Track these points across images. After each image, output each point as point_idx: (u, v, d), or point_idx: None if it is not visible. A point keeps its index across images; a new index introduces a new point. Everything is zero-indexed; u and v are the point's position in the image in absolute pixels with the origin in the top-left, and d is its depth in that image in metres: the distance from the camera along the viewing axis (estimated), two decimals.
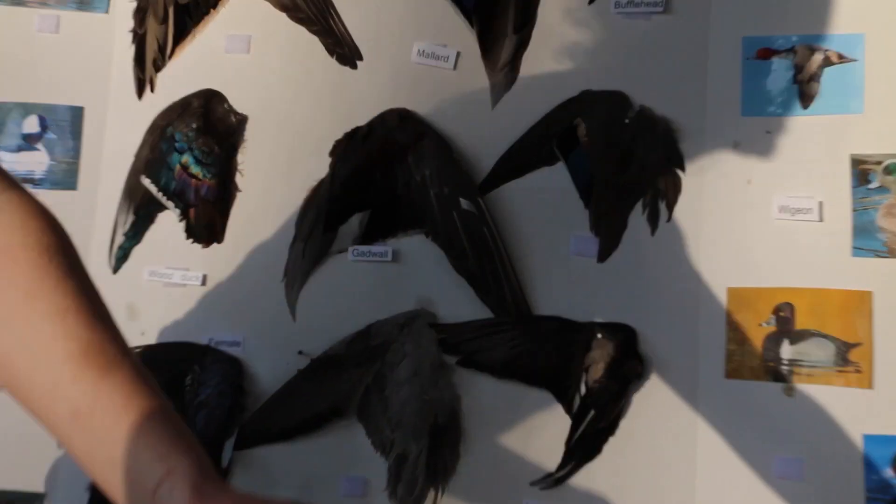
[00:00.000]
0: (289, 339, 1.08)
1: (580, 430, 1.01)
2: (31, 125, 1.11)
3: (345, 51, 1.07)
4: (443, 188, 1.05)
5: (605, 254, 1.04)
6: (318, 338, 1.07)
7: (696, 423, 1.00)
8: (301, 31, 1.09)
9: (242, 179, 1.12)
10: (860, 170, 0.97)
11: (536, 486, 1.01)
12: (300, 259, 1.08)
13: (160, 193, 1.12)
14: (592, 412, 1.01)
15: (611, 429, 1.02)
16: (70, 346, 0.40)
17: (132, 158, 1.14)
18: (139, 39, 1.12)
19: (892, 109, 0.97)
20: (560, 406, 1.03)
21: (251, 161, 1.12)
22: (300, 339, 1.08)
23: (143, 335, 1.10)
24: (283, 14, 1.08)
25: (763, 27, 1.01)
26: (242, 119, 1.12)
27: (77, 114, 1.13)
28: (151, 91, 1.13)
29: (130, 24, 1.13)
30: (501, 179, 1.07)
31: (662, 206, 1.04)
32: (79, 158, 1.12)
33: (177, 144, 1.11)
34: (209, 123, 1.10)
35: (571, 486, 1.00)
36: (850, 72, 0.99)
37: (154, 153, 1.12)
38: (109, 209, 1.13)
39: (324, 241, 1.08)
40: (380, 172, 1.07)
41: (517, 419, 1.04)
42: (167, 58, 1.11)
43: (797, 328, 0.98)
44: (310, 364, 1.08)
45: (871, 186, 0.97)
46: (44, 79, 1.14)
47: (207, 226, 1.11)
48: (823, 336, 0.97)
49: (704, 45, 1.02)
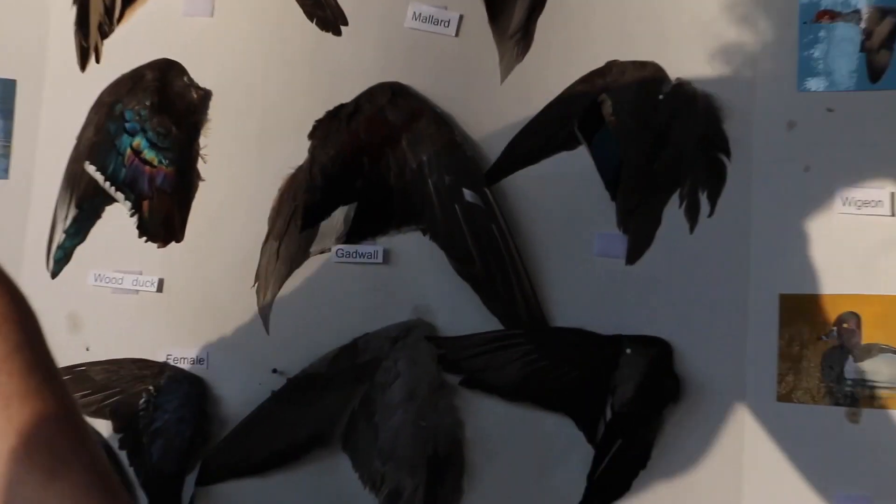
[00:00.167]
0: (261, 356, 1.05)
1: (605, 463, 0.98)
2: None
3: (326, 13, 1.05)
4: (443, 177, 1.01)
5: (636, 254, 1.01)
6: (296, 354, 1.04)
7: (742, 454, 0.97)
8: None
9: (205, 166, 1.08)
10: None
11: None
12: (274, 261, 1.05)
13: (107, 183, 1.07)
14: (620, 441, 0.98)
15: (642, 461, 0.99)
16: (12, 443, 0.38)
17: (74, 141, 1.10)
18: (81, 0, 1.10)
19: None
20: (581, 434, 1.00)
21: (216, 144, 1.08)
22: (274, 356, 1.04)
23: (88, 351, 1.07)
24: None
25: None
26: (205, 94, 1.08)
27: (8, 88, 1.10)
28: (97, 61, 1.10)
29: None
30: (512, 167, 1.03)
31: (703, 199, 1.00)
32: (10, 141, 1.10)
33: (127, 125, 1.07)
34: (165, 100, 1.07)
35: None
36: None
37: (100, 135, 1.08)
38: (47, 202, 1.10)
39: (302, 240, 1.04)
40: (368, 158, 1.03)
41: (530, 449, 1.00)
42: (115, 22, 1.09)
43: (863, 342, 0.96)
44: (286, 385, 1.04)
45: None
46: None
47: (164, 221, 1.07)
48: (894, 352, 0.94)
49: (754, 6, 0.99)
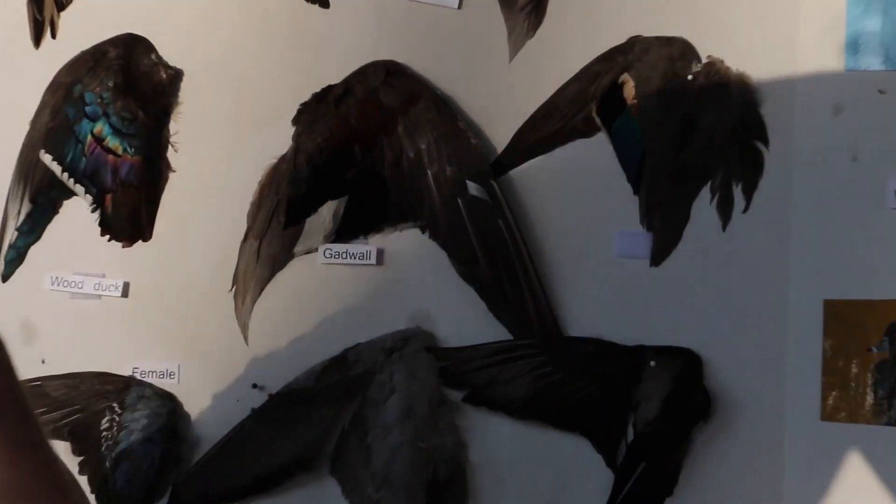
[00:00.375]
0: (239, 369, 1.03)
1: (627, 489, 0.97)
2: None
3: None
4: (444, 167, 0.99)
5: (662, 255, 0.99)
6: (279, 366, 1.02)
7: (782, 481, 0.96)
8: None
9: (176, 156, 1.06)
10: None
11: None
12: (254, 262, 1.03)
13: (65, 174, 1.06)
14: (643, 465, 0.97)
15: (668, 487, 0.97)
16: None
17: (27, 127, 1.09)
18: None
19: None
20: (600, 457, 0.98)
21: (188, 131, 1.06)
22: (254, 369, 1.02)
23: (44, 363, 1.04)
24: None
25: None
26: (175, 74, 1.06)
27: None
28: (52, 37, 1.08)
29: None
30: (522, 156, 1.02)
31: (737, 192, 0.98)
32: None
33: (88, 108, 1.05)
34: (131, 80, 1.05)
35: None
36: None
37: (57, 120, 1.06)
38: None
39: (285, 239, 1.02)
40: (360, 146, 1.01)
41: (543, 474, 0.99)
42: None
43: None
44: (267, 401, 1.02)
45: None
46: None
47: (130, 217, 1.05)
48: None
49: None
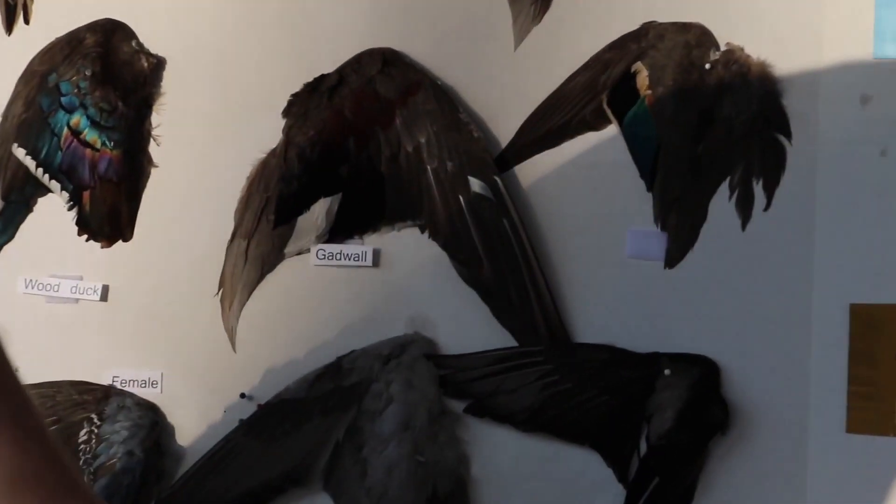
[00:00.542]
0: (227, 378, 1.02)
1: None
2: None
3: None
4: (445, 162, 0.98)
5: (677, 256, 0.98)
6: (269, 375, 1.01)
7: (805, 496, 0.95)
8: None
9: (158, 150, 1.06)
10: None
11: None
12: (242, 264, 1.03)
13: (40, 170, 1.05)
14: (657, 480, 0.96)
15: (683, 502, 0.96)
16: None
17: None
18: None
19: None
20: (611, 471, 0.97)
21: (171, 123, 1.05)
22: (242, 377, 1.01)
23: (18, 372, 0.98)
24: None
25: None
26: (158, 63, 1.05)
27: None
28: (26, 22, 1.07)
29: None
30: (528, 150, 1.01)
31: (758, 189, 0.97)
32: None
33: (64, 99, 1.04)
34: (110, 69, 1.04)
35: None
36: None
37: (30, 112, 1.06)
38: None
39: (276, 239, 1.02)
40: (355, 140, 1.00)
41: (550, 489, 0.98)
42: None
43: None
44: (257, 412, 1.01)
45: None
46: None
47: (109, 216, 1.04)
48: None
49: None
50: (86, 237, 1.04)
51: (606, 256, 0.98)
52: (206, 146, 1.04)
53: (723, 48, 0.97)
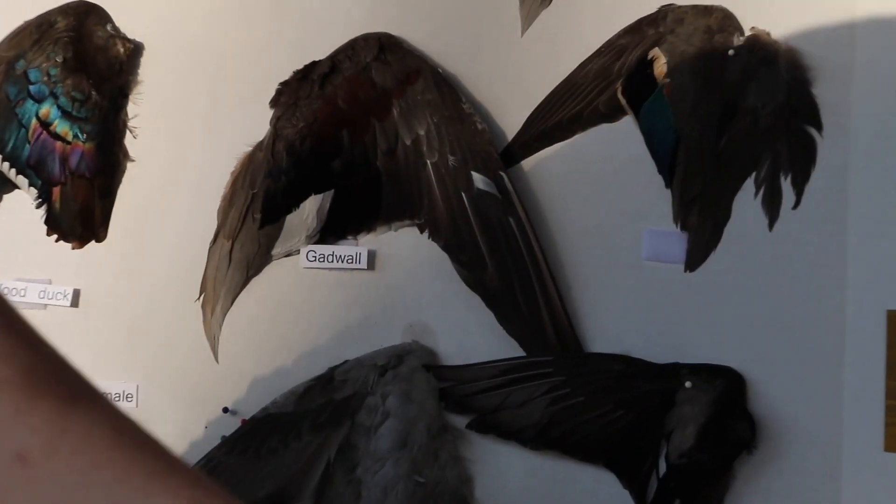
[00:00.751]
0: (208, 390, 1.01)
1: None
2: None
3: None
4: (446, 157, 0.97)
5: (698, 258, 0.97)
6: (254, 387, 1.00)
7: None
8: None
9: (135, 142, 1.05)
10: None
11: None
12: (226, 266, 1.02)
13: (6, 164, 1.05)
14: (677, 502, 0.95)
15: None
16: (2, 372, 0.39)
17: None
18: None
19: None
20: (627, 493, 0.96)
21: (149, 114, 1.04)
22: (225, 390, 1.01)
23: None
24: None
25: None
26: (135, 48, 1.05)
27: None
28: None
29: None
30: (537, 144, 1.00)
31: (786, 185, 0.96)
32: None
33: (32, 88, 1.04)
34: (83, 55, 1.03)
35: None
36: None
37: None
38: None
39: (262, 239, 1.02)
40: (348, 132, 1.00)
41: None
42: None
43: None
44: (241, 428, 1.00)
45: None
46: None
47: (81, 214, 1.04)
48: None
49: None
50: (55, 237, 1.04)
51: (621, 259, 0.97)
52: (187, 139, 1.03)
53: (747, 33, 0.96)
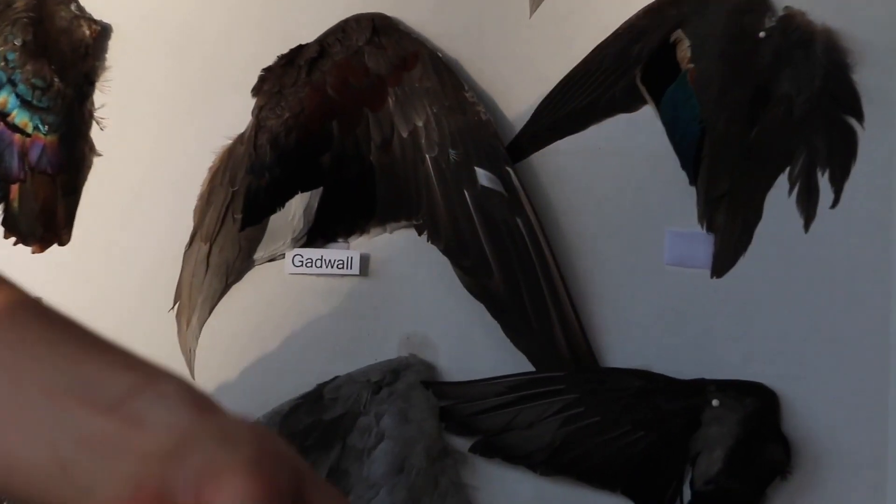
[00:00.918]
0: None
1: None
2: None
3: None
4: (446, 150, 0.95)
5: (726, 262, 0.95)
6: (234, 407, 0.89)
7: None
8: None
9: (102, 135, 1.03)
10: None
11: None
12: (203, 272, 1.00)
13: None
14: None
15: None
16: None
17: None
18: None
19: None
20: None
21: (118, 103, 1.02)
22: None
23: None
24: None
25: None
26: (102, 30, 1.02)
27: None
28: None
29: None
30: (547, 136, 0.98)
31: (823, 181, 0.94)
32: None
33: None
34: (44, 38, 1.01)
35: None
36: None
37: None
38: None
39: (243, 242, 0.99)
40: (339, 123, 0.97)
41: None
42: None
43: None
44: None
45: None
46: None
47: (42, 215, 1.03)
48: None
49: None
50: (14, 240, 1.02)
51: (641, 263, 0.95)
52: (160, 131, 1.01)
53: (780, 13, 0.94)
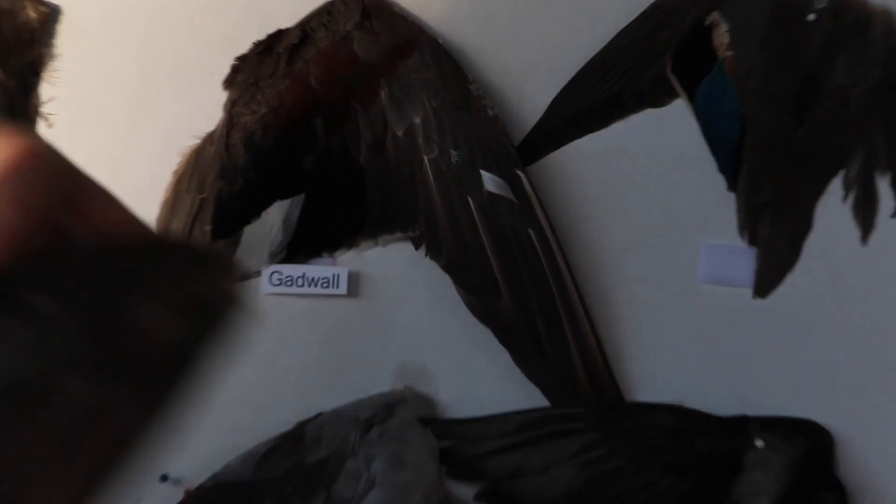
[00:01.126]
0: (141, 451, 0.88)
1: None
2: None
3: None
4: (448, 151, 0.91)
5: (771, 280, 0.89)
6: (202, 448, 0.92)
7: None
8: None
9: (51, 133, 0.97)
10: None
11: None
12: None
13: None
14: None
15: None
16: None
17: None
18: None
19: None
20: None
21: (69, 97, 0.97)
22: (165, 451, 0.87)
23: None
24: None
25: None
26: (50, 13, 0.97)
27: None
28: None
29: None
30: (563, 135, 0.93)
31: (883, 186, 0.88)
32: None
33: None
34: None
35: None
36: None
37: None
38: None
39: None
40: (324, 120, 0.93)
41: None
42: None
43: None
44: (184, 501, 0.94)
45: None
46: None
47: None
48: None
49: None
50: None
51: (672, 281, 0.90)
52: (117, 129, 0.95)
53: None
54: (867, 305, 0.88)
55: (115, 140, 0.96)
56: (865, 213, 0.87)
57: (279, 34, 0.92)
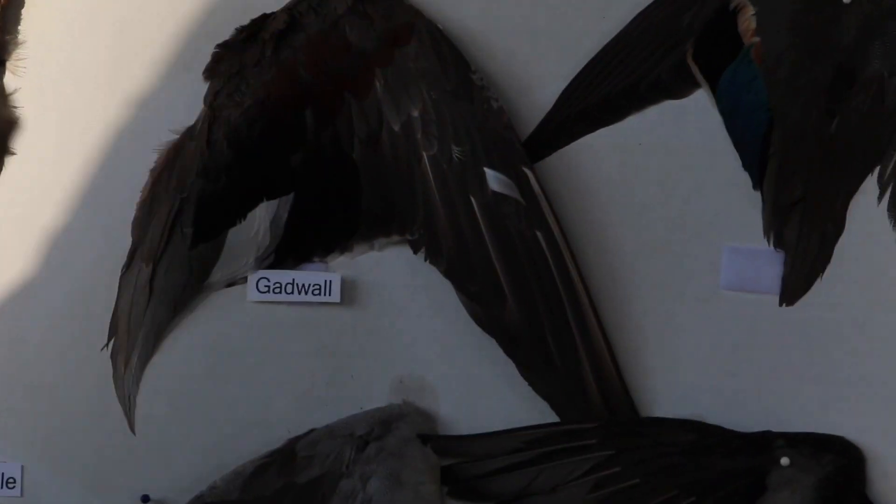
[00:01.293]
0: (120, 471, 0.96)
1: None
2: None
3: None
4: (448, 147, 0.90)
5: (799, 287, 0.90)
6: (184, 467, 0.94)
7: None
8: None
9: (18, 130, 0.97)
10: None
11: None
12: (144, 301, 0.97)
13: None
14: None
15: None
16: None
17: None
18: None
19: None
20: None
21: (35, 89, 0.97)
22: (145, 471, 0.96)
23: None
24: None
25: None
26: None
27: None
28: None
29: None
30: (574, 129, 0.93)
31: None
32: None
33: None
34: None
35: None
36: None
37: None
38: None
39: (195, 263, 0.96)
40: (314, 113, 0.92)
41: None
42: None
43: None
44: None
45: None
46: None
47: None
48: None
49: None
50: None
51: (692, 288, 0.90)
52: (90, 124, 0.95)
53: None
54: (870, 312, 0.87)
55: (84, 136, 0.95)
56: None
57: (264, 19, 0.90)
